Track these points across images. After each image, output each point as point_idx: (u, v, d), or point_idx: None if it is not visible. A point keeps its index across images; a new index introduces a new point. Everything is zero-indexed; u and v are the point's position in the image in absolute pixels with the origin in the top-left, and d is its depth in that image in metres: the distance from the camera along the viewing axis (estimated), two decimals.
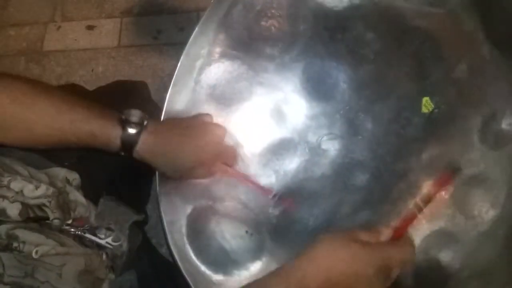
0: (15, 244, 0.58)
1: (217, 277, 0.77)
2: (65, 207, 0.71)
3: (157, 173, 0.77)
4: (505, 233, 0.76)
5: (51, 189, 0.68)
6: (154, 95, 1.08)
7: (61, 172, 0.76)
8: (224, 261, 0.78)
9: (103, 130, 0.69)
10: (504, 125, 0.78)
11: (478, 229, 0.78)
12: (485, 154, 0.80)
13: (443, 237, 0.81)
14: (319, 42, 0.84)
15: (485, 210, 0.78)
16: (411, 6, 0.80)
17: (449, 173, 0.78)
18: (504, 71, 0.78)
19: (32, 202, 0.66)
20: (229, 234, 0.80)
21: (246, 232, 0.81)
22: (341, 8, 0.82)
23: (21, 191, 0.65)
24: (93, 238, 0.72)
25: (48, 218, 0.66)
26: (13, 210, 0.63)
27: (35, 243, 0.60)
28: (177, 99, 0.80)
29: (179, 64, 0.78)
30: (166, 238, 0.75)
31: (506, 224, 0.76)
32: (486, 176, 0.79)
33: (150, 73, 1.68)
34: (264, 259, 0.80)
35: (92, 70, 1.72)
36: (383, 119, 0.85)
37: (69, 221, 0.70)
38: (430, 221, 0.82)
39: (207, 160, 0.77)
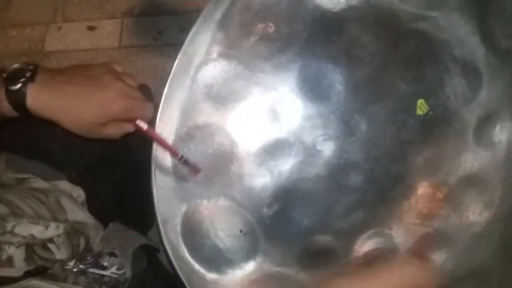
0: None
1: (211, 276, 0.77)
2: (75, 237, 0.70)
3: (152, 170, 0.77)
4: (499, 233, 0.76)
5: (62, 226, 0.67)
6: (154, 95, 1.08)
7: (66, 187, 0.76)
8: (218, 260, 0.78)
9: None
10: (498, 127, 0.79)
11: (472, 229, 0.79)
12: (479, 155, 0.80)
13: (437, 237, 0.81)
14: (316, 43, 0.84)
15: (479, 211, 0.79)
16: (407, 8, 0.81)
17: None
18: (499, 74, 0.78)
19: (38, 242, 0.65)
20: (223, 233, 0.80)
21: (241, 231, 0.81)
22: (338, 9, 0.82)
23: (31, 234, 0.63)
24: (97, 271, 0.70)
25: (49, 268, 0.64)
26: (19, 257, 0.62)
27: None
28: (173, 98, 0.80)
29: (175, 63, 0.78)
30: (160, 237, 0.75)
31: (500, 224, 0.76)
32: (480, 177, 0.79)
33: (150, 73, 1.69)
34: (258, 258, 0.80)
35: None
36: (378, 120, 0.86)
37: (72, 263, 0.67)
38: (424, 222, 0.83)
39: (117, 116, 0.68)
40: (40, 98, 0.62)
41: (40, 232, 0.65)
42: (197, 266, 0.77)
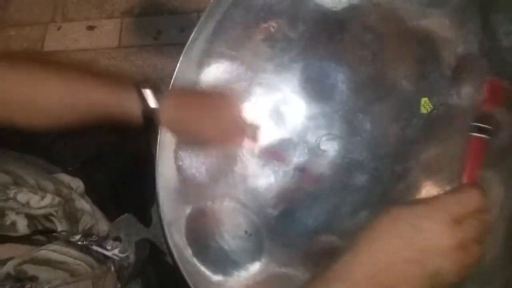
0: (27, 286, 0.57)
1: (217, 278, 0.77)
2: (71, 216, 0.71)
3: (156, 173, 0.77)
4: (504, 233, 0.76)
5: (57, 199, 0.69)
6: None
7: (65, 179, 0.76)
8: (223, 262, 0.79)
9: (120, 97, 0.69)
10: None
11: None
12: None
13: None
14: (318, 43, 0.84)
15: None
16: (410, 6, 0.80)
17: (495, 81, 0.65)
18: None
19: (38, 212, 0.66)
20: (228, 234, 0.80)
21: (245, 232, 0.81)
22: (340, 8, 0.82)
23: (27, 202, 0.65)
24: (100, 249, 0.72)
25: (55, 231, 0.66)
26: (23, 223, 0.63)
27: (45, 279, 0.60)
28: None
29: (178, 65, 0.78)
30: (165, 238, 0.75)
31: (504, 224, 0.76)
32: (484, 176, 0.79)
33: (150, 73, 1.69)
34: (263, 259, 0.80)
35: None
36: (382, 119, 0.85)
37: (78, 236, 0.70)
38: None
39: (228, 128, 0.77)
40: (170, 107, 0.72)
41: (36, 202, 0.66)
42: (202, 268, 0.77)
